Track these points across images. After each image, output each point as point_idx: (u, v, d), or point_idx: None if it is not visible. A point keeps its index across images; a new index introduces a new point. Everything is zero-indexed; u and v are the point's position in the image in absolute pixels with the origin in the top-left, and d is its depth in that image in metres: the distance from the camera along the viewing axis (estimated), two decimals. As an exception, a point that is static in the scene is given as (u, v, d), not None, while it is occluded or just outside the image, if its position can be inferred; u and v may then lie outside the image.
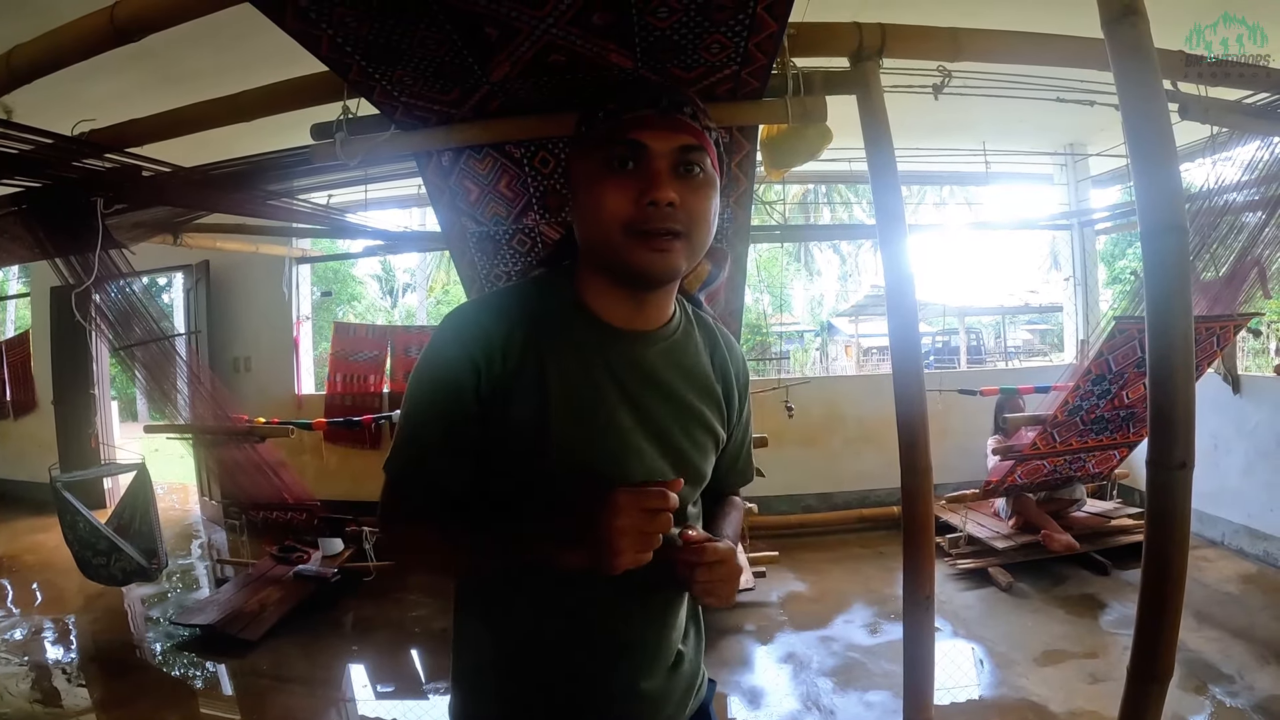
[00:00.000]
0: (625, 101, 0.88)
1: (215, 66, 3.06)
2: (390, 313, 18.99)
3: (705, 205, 0.88)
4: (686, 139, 0.87)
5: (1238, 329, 3.54)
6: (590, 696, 0.96)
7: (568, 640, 0.95)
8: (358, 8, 1.29)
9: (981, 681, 3.05)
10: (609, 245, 0.87)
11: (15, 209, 2.93)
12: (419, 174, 2.29)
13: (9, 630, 3.88)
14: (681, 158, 0.86)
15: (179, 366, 3.94)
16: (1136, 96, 1.38)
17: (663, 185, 0.84)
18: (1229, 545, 4.34)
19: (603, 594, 0.92)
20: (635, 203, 0.84)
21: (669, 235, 0.86)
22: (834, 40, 1.92)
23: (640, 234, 0.85)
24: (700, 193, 0.88)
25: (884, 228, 1.93)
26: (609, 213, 0.85)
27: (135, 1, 1.65)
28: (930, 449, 1.93)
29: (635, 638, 0.97)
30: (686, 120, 0.87)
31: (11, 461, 6.89)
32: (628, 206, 0.85)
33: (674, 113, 0.87)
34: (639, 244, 0.86)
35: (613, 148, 0.86)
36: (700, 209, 0.88)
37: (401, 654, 3.60)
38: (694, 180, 0.88)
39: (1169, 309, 1.37)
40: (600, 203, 0.86)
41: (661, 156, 0.86)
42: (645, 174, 0.85)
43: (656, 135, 0.86)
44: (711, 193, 0.89)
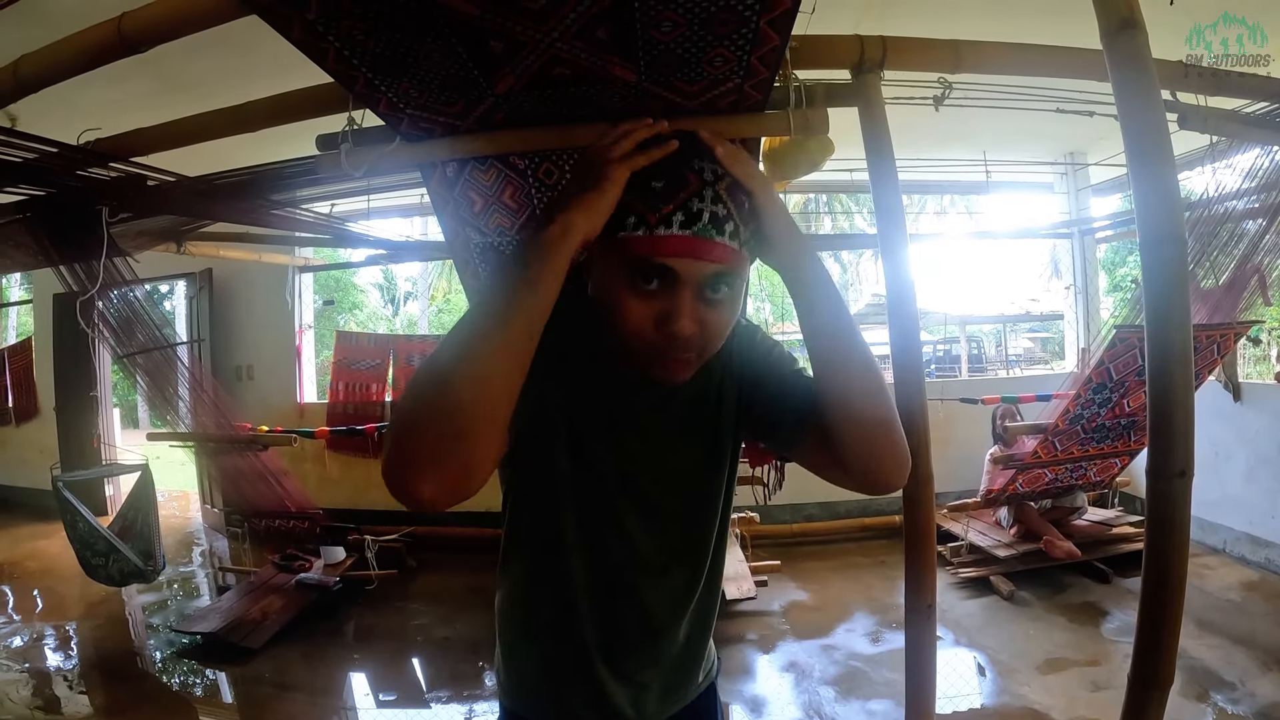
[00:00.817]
0: (659, 211, 0.80)
1: (219, 74, 3.08)
2: (392, 321, 19.00)
3: (727, 320, 0.87)
4: (719, 266, 0.82)
5: (1238, 337, 3.55)
6: (612, 666, 1.03)
7: (590, 614, 1.01)
8: (365, 21, 1.31)
9: (983, 690, 3.05)
10: (624, 349, 0.87)
11: (20, 216, 2.95)
12: (423, 185, 2.30)
13: (10, 637, 3.89)
14: (710, 282, 0.83)
15: (181, 374, 3.97)
16: (1135, 107, 1.40)
17: (685, 315, 0.81)
18: (1230, 552, 4.34)
19: (623, 576, 1.00)
20: (656, 327, 0.83)
21: (684, 360, 0.86)
22: (835, 53, 1.93)
23: (655, 353, 0.85)
24: (723, 310, 0.85)
25: (885, 237, 1.94)
26: (626, 329, 0.84)
27: (143, 13, 1.67)
28: (931, 458, 1.94)
29: (653, 617, 1.04)
30: (724, 244, 0.81)
31: (13, 467, 6.91)
32: (648, 329, 0.83)
33: (712, 236, 0.81)
34: (653, 360, 0.86)
35: (638, 265, 0.82)
36: (721, 325, 0.86)
37: (403, 662, 3.61)
38: (719, 300, 0.85)
39: (1168, 318, 1.38)
40: (619, 316, 0.84)
41: (689, 283, 0.82)
42: (669, 299, 0.82)
43: (689, 262, 0.81)
44: (735, 306, 0.87)
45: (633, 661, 1.05)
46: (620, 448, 0.98)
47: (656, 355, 0.85)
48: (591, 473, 0.97)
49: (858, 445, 0.87)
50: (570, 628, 1.02)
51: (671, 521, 1.02)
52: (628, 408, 0.98)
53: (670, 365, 0.86)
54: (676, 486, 1.02)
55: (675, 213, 0.79)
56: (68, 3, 1.70)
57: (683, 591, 1.05)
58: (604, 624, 1.02)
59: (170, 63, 2.89)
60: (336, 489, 5.46)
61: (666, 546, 1.02)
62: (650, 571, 1.02)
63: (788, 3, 1.30)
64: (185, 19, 1.61)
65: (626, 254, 0.82)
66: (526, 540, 1.05)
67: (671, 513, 1.02)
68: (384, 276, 18.72)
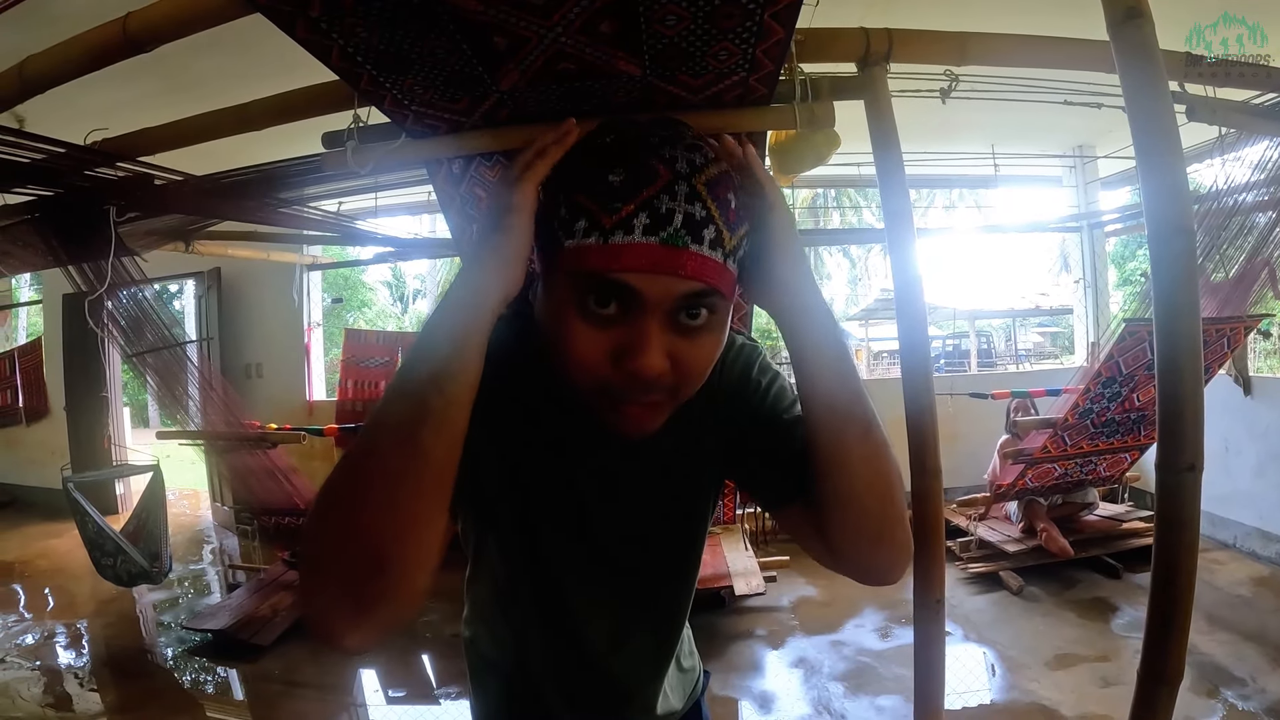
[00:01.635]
0: (617, 213, 0.60)
1: (225, 73, 3.09)
2: (401, 319, 19.01)
3: (708, 355, 0.67)
4: (696, 285, 0.62)
5: (1248, 330, 3.52)
6: (585, 692, 0.93)
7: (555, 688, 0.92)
8: (368, 18, 1.31)
9: (993, 685, 3.03)
10: (576, 392, 0.68)
11: (29, 217, 2.97)
12: (429, 181, 2.31)
13: (22, 634, 3.92)
14: (687, 305, 0.63)
15: (190, 373, 3.98)
16: (1142, 99, 1.38)
17: (651, 350, 0.62)
18: (1241, 548, 4.31)
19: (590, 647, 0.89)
20: (613, 364, 0.64)
21: (649, 405, 0.67)
22: (841, 46, 1.92)
23: (611, 397, 0.66)
24: (703, 342, 0.66)
25: (892, 231, 1.94)
26: (576, 366, 0.65)
27: (147, 12, 1.67)
28: (940, 452, 1.93)
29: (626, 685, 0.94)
30: (702, 256, 0.61)
31: (24, 467, 6.96)
32: (602, 366, 0.64)
33: (687, 245, 0.60)
34: (610, 408, 0.67)
35: (590, 282, 0.62)
36: (700, 361, 0.67)
37: (412, 659, 3.62)
38: (696, 327, 0.65)
39: (1176, 311, 1.37)
40: (567, 349, 0.65)
41: (657, 307, 0.62)
42: (631, 329, 0.62)
43: (655, 279, 0.61)
44: (719, 337, 0.68)
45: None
46: (580, 512, 0.83)
47: (615, 400, 0.66)
48: (550, 541, 0.83)
49: (856, 542, 0.72)
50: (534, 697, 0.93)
51: (644, 586, 0.89)
52: (587, 464, 0.81)
53: (632, 413, 0.67)
54: (649, 548, 0.87)
55: (637, 214, 0.59)
56: (72, 3, 1.71)
57: (653, 653, 0.94)
58: (571, 696, 0.93)
59: (176, 62, 2.90)
60: (345, 486, 5.48)
61: (636, 614, 0.90)
62: (618, 640, 0.90)
63: (792, -6, 1.30)
64: (190, 18, 1.61)
65: (575, 269, 0.62)
66: (484, 599, 0.95)
67: (644, 576, 0.89)
68: (393, 274, 18.75)
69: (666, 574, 0.91)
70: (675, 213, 0.60)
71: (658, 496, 0.84)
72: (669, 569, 0.91)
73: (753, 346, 0.86)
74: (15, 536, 5.93)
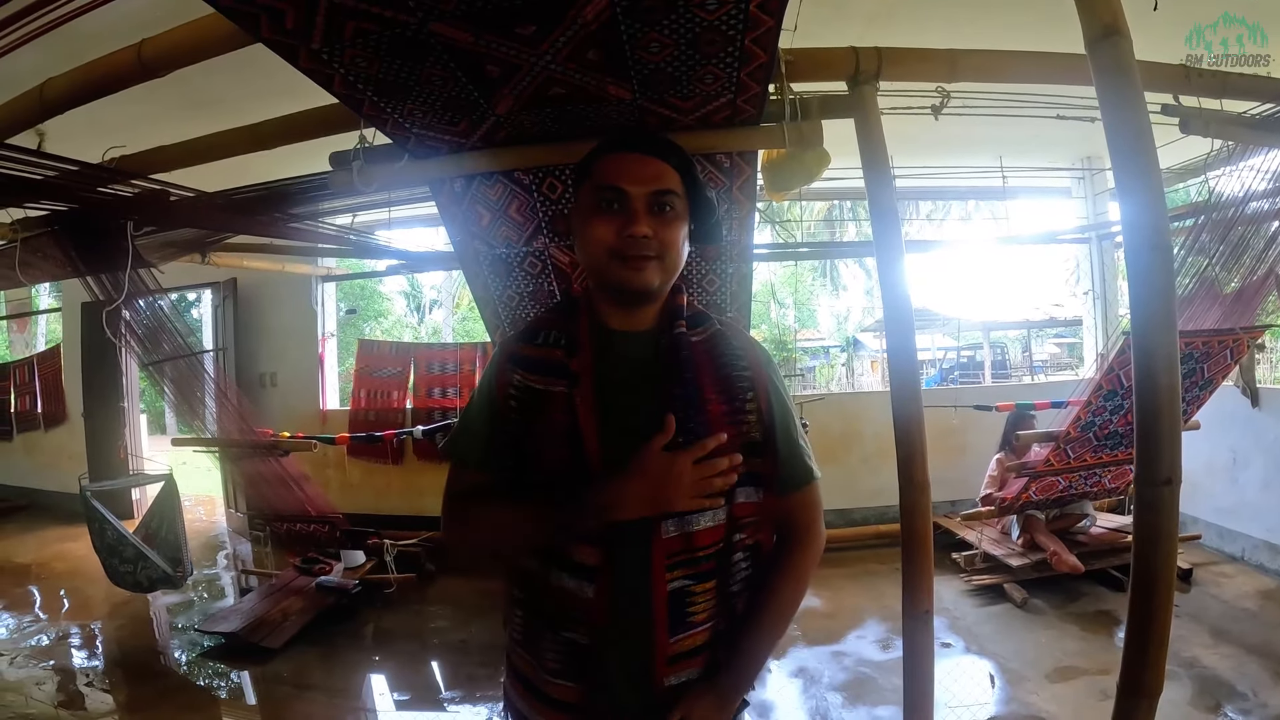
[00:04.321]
0: (608, 145, 1.10)
1: (238, 92, 3.17)
2: (417, 329, 19.12)
3: (675, 235, 1.08)
4: (659, 185, 1.06)
5: (1251, 341, 3.51)
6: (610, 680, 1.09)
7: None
8: (367, 49, 1.37)
9: (991, 698, 3.04)
10: (599, 267, 1.08)
11: (48, 229, 3.06)
12: (433, 199, 2.37)
13: (37, 635, 4.00)
14: (655, 199, 1.06)
15: (206, 382, 4.05)
16: (1119, 115, 1.39)
17: (639, 222, 1.04)
18: (1248, 560, 4.28)
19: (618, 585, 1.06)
20: (618, 235, 1.05)
21: (644, 258, 1.05)
22: (831, 65, 1.96)
23: (622, 258, 1.05)
24: (671, 225, 1.07)
25: (881, 248, 1.97)
26: (597, 242, 1.06)
27: (161, 39, 1.75)
28: (929, 464, 1.95)
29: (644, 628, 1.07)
30: (660, 165, 1.07)
31: (42, 472, 7.09)
32: (612, 237, 1.05)
33: (650, 156, 1.08)
34: (621, 266, 1.06)
35: (600, 191, 1.06)
36: (671, 238, 1.07)
37: (420, 664, 3.67)
38: (665, 216, 1.07)
39: (1153, 327, 1.40)
40: (591, 234, 1.07)
41: (638, 199, 1.05)
42: (626, 213, 1.05)
43: (634, 181, 1.05)
44: (680, 225, 1.09)
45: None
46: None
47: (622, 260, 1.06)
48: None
49: None
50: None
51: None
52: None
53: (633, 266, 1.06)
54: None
55: (621, 144, 1.12)
56: (90, 26, 1.78)
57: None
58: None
59: (192, 80, 2.99)
60: (357, 494, 5.55)
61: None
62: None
63: (770, 21, 1.34)
64: (201, 45, 1.69)
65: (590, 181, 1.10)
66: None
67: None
68: (409, 284, 18.87)
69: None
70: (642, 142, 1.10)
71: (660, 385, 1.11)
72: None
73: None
74: (32, 539, 6.05)
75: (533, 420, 1.09)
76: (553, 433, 1.07)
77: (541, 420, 1.08)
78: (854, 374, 18.25)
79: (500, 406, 1.11)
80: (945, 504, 4.92)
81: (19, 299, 9.25)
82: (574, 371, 1.08)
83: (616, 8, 1.27)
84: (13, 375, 7.63)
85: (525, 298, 2.65)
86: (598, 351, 1.10)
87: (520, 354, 1.13)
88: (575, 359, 1.09)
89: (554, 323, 1.15)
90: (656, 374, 1.09)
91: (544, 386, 1.09)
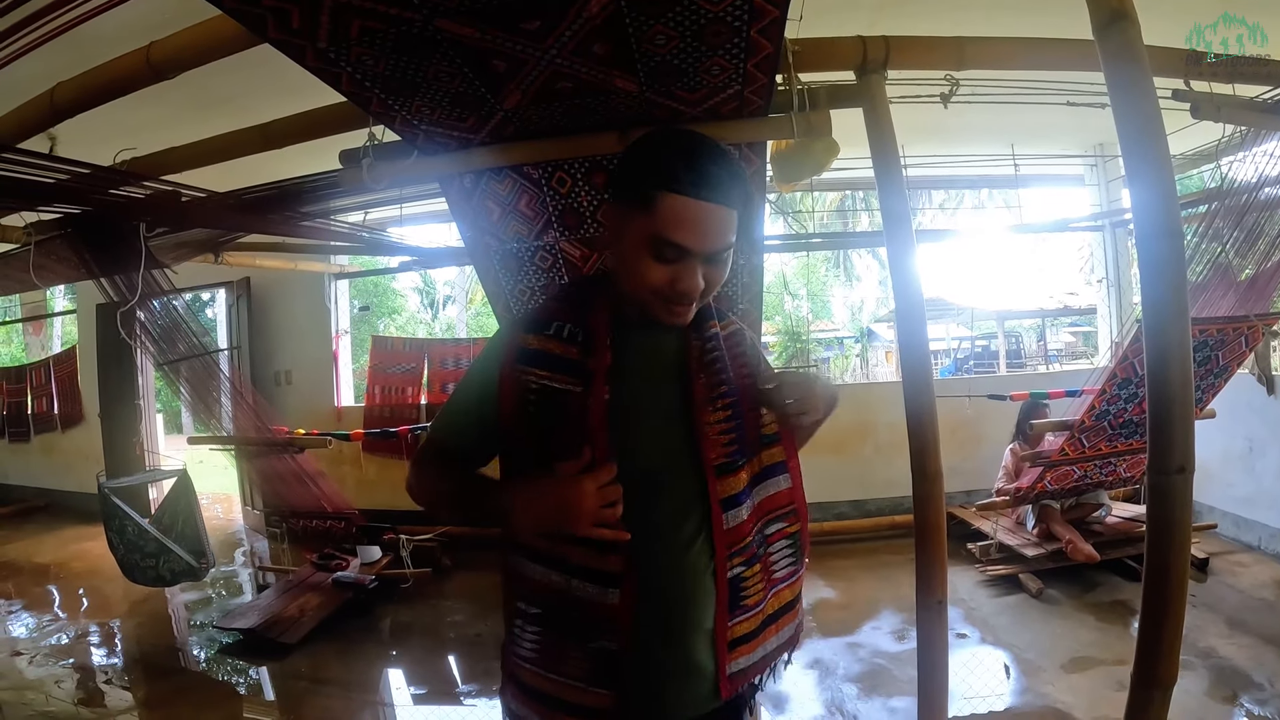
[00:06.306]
0: (672, 177, 0.96)
1: (247, 93, 3.19)
2: (431, 325, 19.17)
3: (724, 274, 1.05)
4: (723, 244, 1.00)
5: (1267, 328, 3.47)
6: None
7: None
8: (373, 46, 1.38)
9: (1007, 689, 3.03)
10: (640, 298, 1.04)
11: (62, 232, 3.09)
12: (443, 195, 2.38)
13: (57, 634, 4.06)
14: (715, 255, 1.01)
15: (221, 381, 4.09)
16: (1128, 101, 1.37)
17: (694, 278, 1.00)
18: (1265, 550, 4.24)
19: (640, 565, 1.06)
20: (669, 284, 1.00)
21: (690, 304, 1.04)
22: (838, 55, 1.95)
23: (665, 300, 1.02)
24: (721, 267, 1.04)
25: (892, 238, 1.96)
26: (645, 284, 1.01)
27: (169, 42, 1.77)
28: (943, 455, 1.95)
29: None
30: (727, 215, 0.99)
31: (59, 472, 7.19)
32: (663, 286, 1.01)
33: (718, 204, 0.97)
34: (664, 307, 1.03)
35: (659, 241, 0.98)
36: (719, 279, 1.05)
37: (437, 658, 3.70)
38: (720, 262, 1.03)
39: (1165, 314, 1.39)
40: (640, 270, 1.01)
41: (698, 256, 0.99)
42: (681, 267, 1.00)
43: (699, 240, 0.98)
44: (728, 261, 1.05)
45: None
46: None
47: (667, 302, 1.04)
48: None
49: None
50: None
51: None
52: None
53: (676, 311, 1.05)
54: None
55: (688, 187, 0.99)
56: (99, 30, 1.79)
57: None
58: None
59: (201, 80, 3.01)
60: (373, 490, 5.58)
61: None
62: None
63: (775, 11, 1.34)
64: (209, 47, 1.70)
65: (645, 223, 1.00)
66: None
67: None
68: (423, 280, 18.93)
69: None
70: (705, 185, 0.97)
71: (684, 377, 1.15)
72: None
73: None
74: (51, 539, 6.15)
75: (555, 422, 1.06)
76: (570, 433, 1.04)
77: (562, 421, 1.05)
78: (869, 364, 18.21)
79: (506, 407, 1.08)
80: (961, 494, 4.90)
81: (34, 302, 9.34)
82: (590, 370, 1.05)
83: (621, 1, 1.27)
84: (29, 377, 7.74)
85: (537, 292, 2.65)
86: (618, 348, 1.07)
87: (532, 348, 1.08)
88: (592, 358, 1.06)
89: (566, 313, 1.10)
90: (682, 371, 1.10)
91: (564, 386, 1.06)
